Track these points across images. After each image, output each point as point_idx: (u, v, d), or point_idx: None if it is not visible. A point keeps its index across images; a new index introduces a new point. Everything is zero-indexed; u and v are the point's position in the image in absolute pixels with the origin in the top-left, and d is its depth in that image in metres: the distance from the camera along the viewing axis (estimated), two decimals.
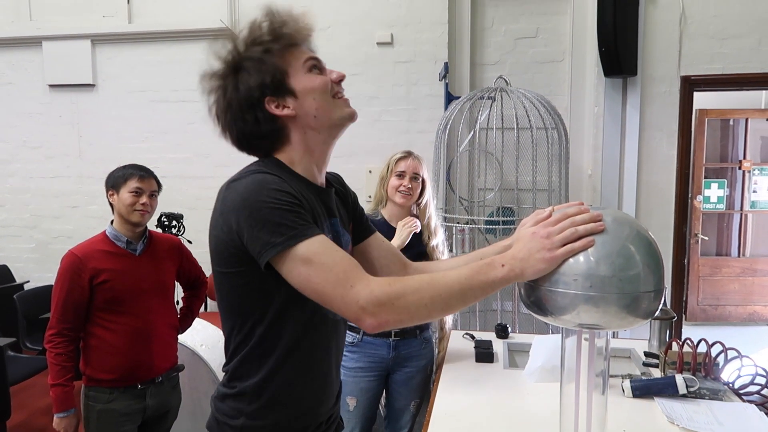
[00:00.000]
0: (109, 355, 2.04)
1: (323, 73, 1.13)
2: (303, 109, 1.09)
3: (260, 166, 1.08)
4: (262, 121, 1.09)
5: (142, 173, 2.08)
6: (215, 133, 1.16)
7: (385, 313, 0.93)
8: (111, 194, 2.09)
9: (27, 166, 4.79)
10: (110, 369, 2.04)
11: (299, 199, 1.02)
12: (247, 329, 1.09)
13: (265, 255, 0.97)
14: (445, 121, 3.65)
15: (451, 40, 4.10)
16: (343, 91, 1.15)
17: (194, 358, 2.63)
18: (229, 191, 1.03)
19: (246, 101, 1.09)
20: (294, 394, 1.13)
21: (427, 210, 2.33)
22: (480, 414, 1.69)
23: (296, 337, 1.10)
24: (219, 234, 1.05)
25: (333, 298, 0.95)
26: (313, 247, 0.97)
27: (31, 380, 3.32)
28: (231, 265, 1.05)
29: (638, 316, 0.94)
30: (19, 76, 4.71)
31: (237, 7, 4.32)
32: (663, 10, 3.82)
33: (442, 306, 0.95)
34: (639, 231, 0.96)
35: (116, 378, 2.04)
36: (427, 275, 0.99)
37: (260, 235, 0.97)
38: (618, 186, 3.98)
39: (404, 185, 2.24)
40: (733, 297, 5.42)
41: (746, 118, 5.38)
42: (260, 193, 0.99)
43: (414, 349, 2.28)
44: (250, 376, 1.11)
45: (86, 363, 2.07)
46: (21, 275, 4.68)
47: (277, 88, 1.09)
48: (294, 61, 1.10)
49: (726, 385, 1.82)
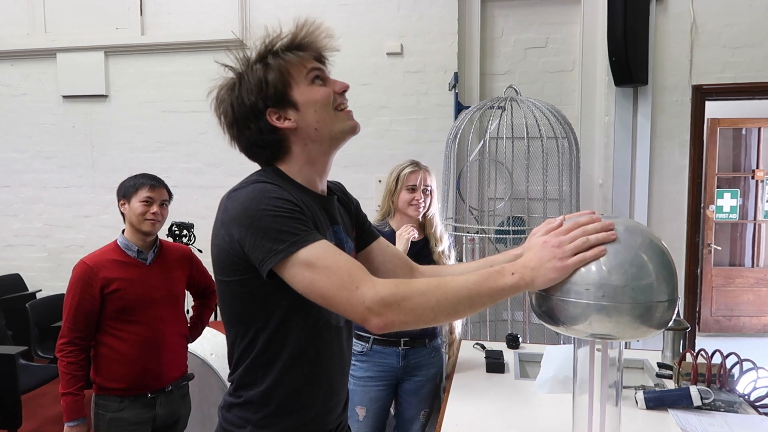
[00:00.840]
0: (120, 364, 2.04)
1: (326, 83, 1.13)
2: (304, 121, 1.10)
3: (261, 176, 1.09)
4: (264, 132, 1.10)
5: (153, 182, 2.10)
6: (226, 143, 1.18)
7: (392, 313, 0.93)
8: (122, 203, 2.11)
9: (40, 176, 4.84)
10: (120, 378, 2.04)
11: (300, 206, 1.02)
12: (250, 337, 1.09)
13: (268, 262, 0.98)
14: (455, 131, 3.65)
15: (460, 49, 4.11)
16: (346, 102, 1.15)
17: (204, 367, 2.63)
18: (230, 201, 1.04)
19: (250, 112, 1.10)
20: (300, 402, 1.13)
21: (434, 219, 2.33)
22: (490, 425, 1.67)
23: (300, 344, 1.10)
24: (220, 243, 1.05)
25: (339, 301, 0.95)
26: (316, 252, 0.97)
27: (42, 388, 3.34)
28: (233, 273, 1.06)
29: (651, 326, 0.93)
30: (34, 87, 4.78)
31: (248, 18, 4.36)
32: (674, 19, 3.81)
33: (449, 310, 0.95)
34: (651, 240, 0.95)
35: (126, 387, 2.05)
36: (435, 279, 0.98)
37: (262, 243, 0.98)
38: (629, 196, 3.95)
39: (416, 199, 2.24)
40: (747, 308, 5.36)
41: (759, 128, 5.34)
42: (261, 202, 0.99)
43: (423, 358, 2.27)
44: (255, 384, 1.11)
45: (96, 372, 2.07)
46: (33, 284, 4.72)
47: (279, 100, 1.09)
48: (297, 72, 1.11)
49: (741, 397, 1.79)
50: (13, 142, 4.85)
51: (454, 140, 3.63)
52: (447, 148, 3.73)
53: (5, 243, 4.94)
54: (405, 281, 0.98)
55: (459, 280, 0.95)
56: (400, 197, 2.26)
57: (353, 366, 2.24)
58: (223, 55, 1.16)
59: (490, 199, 3.91)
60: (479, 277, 0.95)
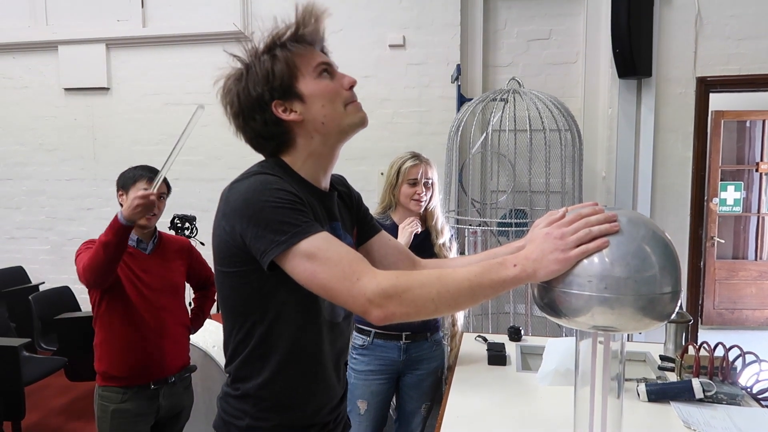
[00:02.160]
0: (123, 351, 2.04)
1: (334, 77, 1.12)
2: (310, 114, 1.09)
3: (262, 167, 1.09)
4: (269, 124, 1.10)
5: (151, 175, 2.09)
6: (228, 136, 1.17)
7: (393, 305, 0.93)
8: (120, 195, 2.11)
9: (42, 168, 4.85)
10: (123, 364, 2.04)
11: (300, 198, 1.02)
12: (246, 329, 1.09)
13: (270, 254, 0.97)
14: (458, 123, 3.64)
15: (463, 42, 4.09)
16: (354, 96, 1.14)
17: (206, 359, 2.63)
18: (231, 192, 1.04)
19: (256, 103, 1.09)
20: (298, 395, 1.13)
21: (435, 211, 2.31)
22: (492, 417, 1.67)
23: (298, 337, 1.10)
24: (221, 234, 1.05)
25: (340, 292, 0.95)
26: (317, 243, 0.97)
27: (45, 380, 3.35)
28: (232, 264, 1.06)
29: (654, 319, 0.92)
30: (35, 80, 4.77)
31: (250, 10, 4.34)
32: (678, 10, 3.78)
33: (450, 302, 0.94)
34: (655, 231, 0.94)
35: (129, 375, 2.05)
36: (436, 271, 0.98)
37: (264, 234, 0.97)
38: (633, 188, 3.93)
39: (418, 193, 2.22)
40: (750, 301, 5.35)
41: (763, 120, 5.31)
42: (263, 193, 0.99)
43: (425, 352, 2.27)
44: (252, 377, 1.11)
45: (99, 359, 2.08)
46: (36, 276, 4.72)
47: (285, 91, 1.09)
48: (305, 64, 1.10)
49: (744, 389, 1.79)
50: (15, 134, 4.85)
51: (457, 133, 3.62)
52: (449, 140, 3.72)
53: (8, 236, 4.96)
54: (406, 273, 0.98)
55: (460, 272, 0.95)
56: (402, 191, 2.24)
57: (354, 360, 2.24)
58: (223, 47, 1.15)
59: (492, 191, 3.90)
60: (481, 268, 0.94)
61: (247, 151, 1.19)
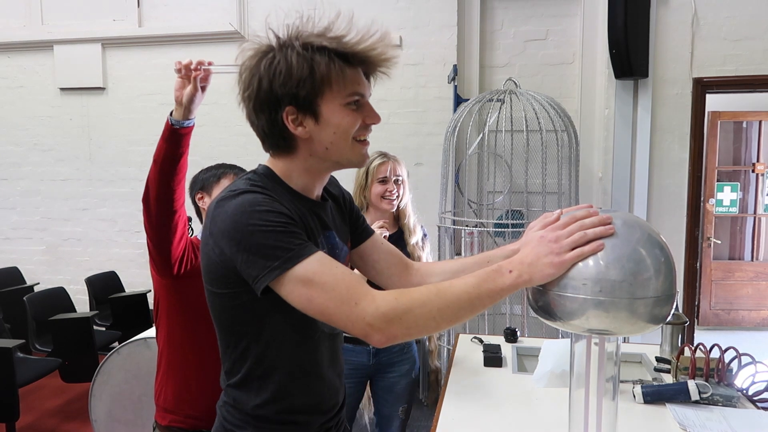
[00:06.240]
0: (194, 380, 1.62)
1: (360, 110, 1.07)
2: (319, 136, 1.03)
3: (251, 183, 1.02)
4: (273, 124, 1.03)
5: (236, 170, 1.89)
6: (223, 136, 1.16)
7: (393, 328, 0.91)
8: (200, 197, 1.91)
9: (38, 168, 4.83)
10: (196, 399, 1.61)
11: (292, 218, 0.98)
12: (242, 348, 1.06)
13: (263, 280, 0.93)
14: (454, 124, 3.63)
15: (460, 42, 4.08)
16: (367, 134, 1.10)
17: None
18: (218, 211, 0.98)
19: (273, 100, 1.01)
20: (300, 411, 1.11)
21: (407, 209, 2.29)
22: (488, 419, 1.67)
23: (296, 356, 1.08)
24: (210, 254, 1.01)
25: (338, 317, 0.93)
26: (312, 267, 0.93)
27: (39, 382, 3.33)
28: (222, 286, 1.02)
29: (649, 322, 0.92)
30: (31, 80, 4.76)
31: (246, 10, 4.33)
32: (675, 11, 3.78)
33: (451, 317, 0.93)
34: (650, 234, 0.94)
35: (202, 416, 1.59)
36: (433, 286, 0.95)
37: (255, 260, 0.93)
38: (629, 189, 3.94)
39: (389, 191, 2.19)
40: (747, 301, 5.36)
41: (760, 121, 5.32)
42: (251, 216, 0.94)
43: (394, 355, 2.26)
44: (251, 399, 1.08)
45: (161, 391, 1.66)
46: (31, 277, 4.70)
47: (304, 102, 1.01)
48: (340, 86, 1.02)
49: (740, 391, 1.79)
50: (10, 134, 4.84)
51: (453, 133, 3.62)
52: (446, 141, 3.71)
53: (3, 236, 4.94)
54: (404, 292, 0.94)
55: (458, 285, 0.93)
56: (372, 191, 2.20)
57: None
58: (219, 47, 1.13)
59: (489, 192, 3.90)
60: (477, 279, 0.93)
61: (242, 152, 1.18)
